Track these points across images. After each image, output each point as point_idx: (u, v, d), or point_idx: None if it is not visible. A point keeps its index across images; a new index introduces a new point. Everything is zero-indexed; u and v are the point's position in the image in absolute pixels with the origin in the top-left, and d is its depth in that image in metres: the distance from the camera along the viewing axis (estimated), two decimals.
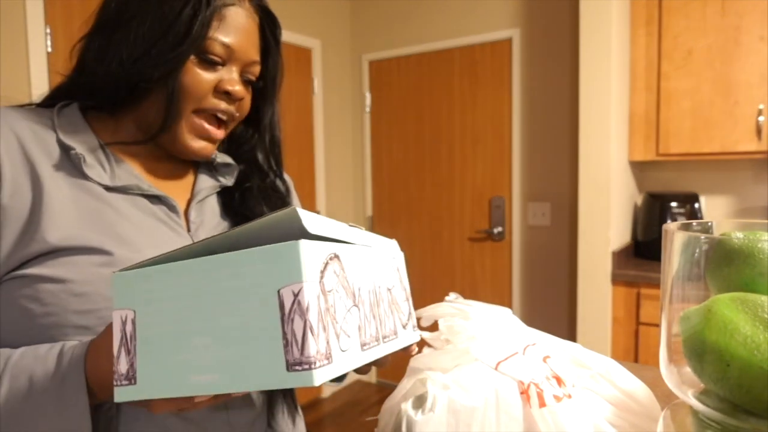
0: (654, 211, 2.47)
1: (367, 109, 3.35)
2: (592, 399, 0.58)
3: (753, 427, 0.41)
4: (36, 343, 0.54)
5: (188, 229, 0.67)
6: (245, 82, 0.69)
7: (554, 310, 2.80)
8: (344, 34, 3.35)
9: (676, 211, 2.43)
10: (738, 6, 2.17)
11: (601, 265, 2.31)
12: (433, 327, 0.69)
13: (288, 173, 0.84)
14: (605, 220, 2.29)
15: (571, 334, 2.61)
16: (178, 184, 0.71)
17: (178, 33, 0.60)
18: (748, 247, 0.45)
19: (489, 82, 2.93)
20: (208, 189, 0.72)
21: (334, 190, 3.31)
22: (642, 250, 2.54)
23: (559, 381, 0.58)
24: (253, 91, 0.72)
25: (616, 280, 2.30)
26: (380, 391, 3.30)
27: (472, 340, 0.63)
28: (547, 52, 2.74)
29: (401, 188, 3.28)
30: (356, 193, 3.45)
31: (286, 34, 2.62)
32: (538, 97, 2.78)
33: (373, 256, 0.49)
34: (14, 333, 0.56)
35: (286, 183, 0.82)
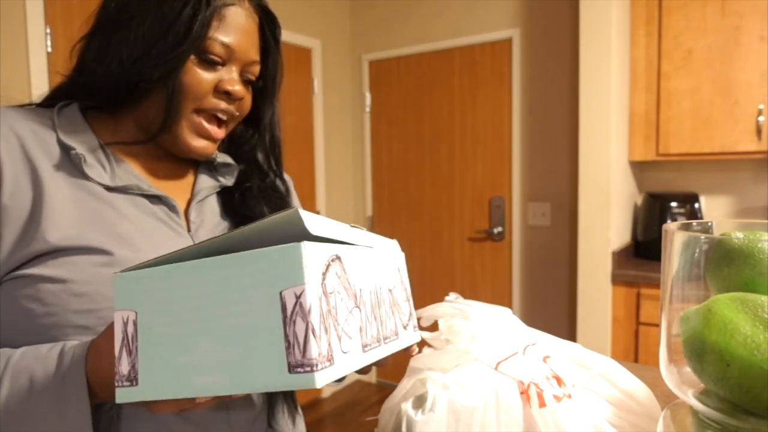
0: (654, 211, 2.47)
1: (367, 109, 3.35)
2: (592, 399, 0.58)
3: (753, 427, 0.41)
4: (37, 343, 0.54)
5: (188, 229, 0.68)
6: (245, 81, 0.69)
7: (554, 310, 2.80)
8: (344, 34, 3.35)
9: (676, 211, 2.43)
10: (738, 6, 2.17)
11: (601, 265, 2.31)
12: (433, 327, 0.69)
13: (288, 173, 0.84)
14: (605, 220, 2.29)
15: (571, 334, 2.61)
16: (178, 184, 0.71)
17: (178, 33, 0.60)
18: (748, 247, 0.45)
19: (489, 82, 2.93)
20: (208, 189, 0.72)
21: (334, 190, 3.31)
22: (642, 250, 2.54)
23: (559, 381, 0.58)
24: (253, 90, 0.72)
25: (616, 280, 2.30)
26: (380, 391, 3.30)
27: (472, 340, 0.63)
28: (547, 52, 2.74)
29: (401, 188, 3.28)
30: (356, 193, 3.45)
31: (286, 34, 2.62)
32: (538, 97, 2.78)
33: (374, 257, 0.49)
34: (15, 333, 0.56)
35: (286, 183, 0.82)
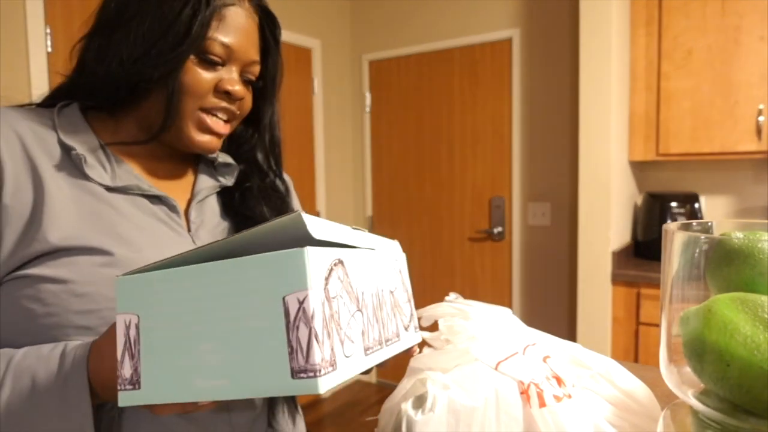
0: (654, 211, 2.47)
1: (367, 109, 3.35)
2: (592, 399, 0.58)
3: (753, 427, 0.41)
4: (37, 343, 0.54)
5: (188, 229, 0.68)
6: (245, 81, 0.69)
7: (554, 310, 2.80)
8: (344, 34, 3.35)
9: (676, 211, 2.43)
10: (738, 6, 2.17)
11: (601, 265, 2.31)
12: (433, 327, 0.69)
13: (288, 173, 0.84)
14: (605, 220, 2.29)
15: (571, 334, 2.61)
16: (178, 184, 0.72)
17: (178, 33, 0.60)
18: (748, 247, 0.45)
19: (489, 82, 2.93)
20: (208, 189, 0.72)
21: (334, 190, 3.31)
22: (642, 250, 2.54)
23: (559, 381, 0.58)
24: (253, 90, 0.72)
25: (616, 280, 2.30)
26: (380, 391, 3.30)
27: (472, 340, 0.63)
28: (547, 52, 2.74)
29: (401, 188, 3.28)
30: (356, 193, 3.45)
31: (286, 34, 2.62)
32: (538, 97, 2.78)
33: (375, 259, 0.49)
34: (16, 333, 0.56)
35: (285, 183, 0.82)
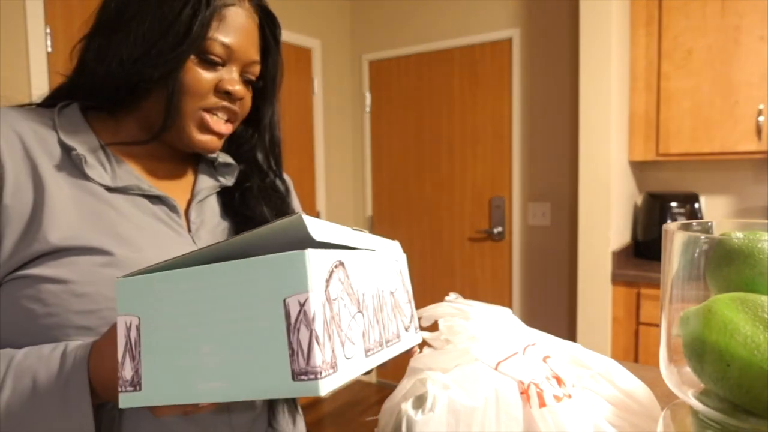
0: (654, 211, 2.47)
1: (367, 109, 3.35)
2: (592, 399, 0.58)
3: (753, 427, 0.41)
4: (38, 343, 0.55)
5: (189, 229, 0.68)
6: (245, 82, 0.69)
7: (554, 310, 2.80)
8: (344, 34, 3.35)
9: (676, 211, 2.43)
10: (738, 6, 2.17)
11: (601, 265, 2.31)
12: (433, 327, 0.69)
13: (288, 173, 0.84)
14: (605, 220, 2.29)
15: (571, 334, 2.61)
16: (178, 185, 0.72)
17: (178, 33, 0.60)
18: (748, 247, 0.45)
19: (489, 82, 2.93)
20: (208, 189, 0.72)
21: (334, 190, 3.31)
22: (642, 250, 2.54)
23: (559, 381, 0.58)
24: (253, 91, 0.72)
25: (616, 280, 2.30)
26: (380, 391, 3.30)
27: (472, 340, 0.63)
28: (547, 52, 2.74)
29: (401, 188, 3.28)
30: (356, 193, 3.45)
31: (286, 34, 2.62)
32: (538, 97, 2.78)
33: (376, 260, 0.49)
34: (16, 333, 0.56)
35: (285, 183, 0.82)
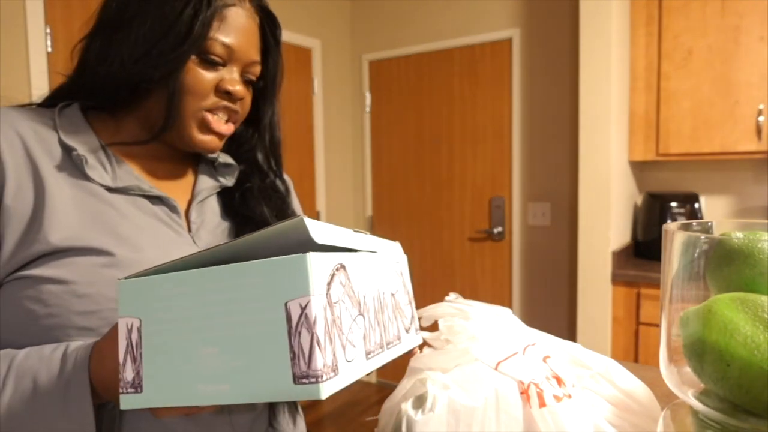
0: (654, 211, 2.47)
1: (367, 109, 3.35)
2: (592, 399, 0.58)
3: (753, 427, 0.41)
4: (39, 344, 0.55)
5: (189, 230, 0.68)
6: (246, 82, 0.69)
7: (554, 310, 2.80)
8: (344, 34, 3.35)
9: (676, 211, 2.44)
10: (738, 6, 2.17)
11: (601, 265, 2.31)
12: (433, 327, 0.69)
13: (288, 173, 0.84)
14: (605, 220, 2.29)
15: (571, 334, 2.61)
16: (179, 185, 0.72)
17: (179, 33, 0.60)
18: (748, 247, 0.45)
19: (489, 82, 2.93)
20: (208, 189, 0.72)
21: (334, 190, 3.31)
22: (642, 250, 2.54)
23: (559, 381, 0.58)
24: (253, 91, 0.72)
25: (616, 280, 2.30)
26: (380, 391, 3.30)
27: (472, 340, 0.63)
28: (547, 52, 2.74)
29: (401, 188, 3.28)
30: (356, 193, 3.45)
31: (286, 34, 2.62)
32: (538, 97, 2.78)
33: (377, 262, 0.49)
34: (17, 333, 0.56)
35: (285, 183, 0.82)
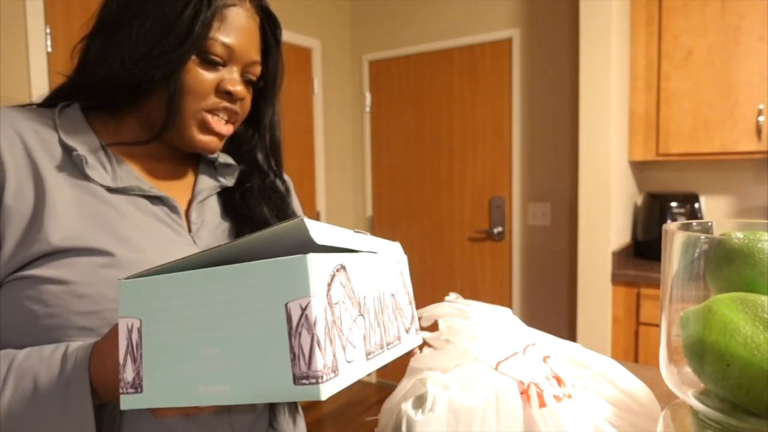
0: (654, 211, 2.47)
1: (367, 109, 3.35)
2: (592, 399, 0.58)
3: (753, 427, 0.41)
4: (39, 344, 0.54)
5: (189, 230, 0.68)
6: (246, 82, 0.69)
7: (554, 310, 2.80)
8: (344, 34, 3.35)
9: (676, 211, 2.44)
10: (738, 6, 2.17)
11: (601, 265, 2.31)
12: (433, 327, 0.69)
13: (288, 173, 0.84)
14: (605, 220, 2.29)
15: (571, 334, 2.61)
16: (179, 185, 0.72)
17: (180, 33, 0.60)
18: (748, 247, 0.45)
19: (489, 82, 2.93)
20: (208, 189, 0.72)
21: (334, 190, 3.31)
22: (642, 250, 2.54)
23: (559, 381, 0.58)
24: (253, 91, 0.72)
25: (616, 280, 2.30)
26: (380, 391, 3.30)
27: (472, 340, 0.63)
28: (547, 52, 2.74)
29: (401, 188, 3.28)
30: (356, 193, 3.45)
31: (286, 34, 2.62)
32: (538, 97, 2.78)
33: (377, 263, 0.49)
34: (17, 333, 0.56)
35: (286, 183, 0.82)
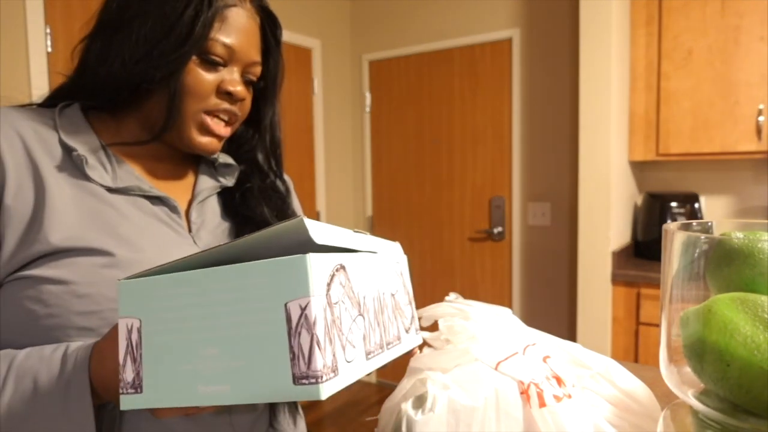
0: (654, 211, 2.47)
1: (367, 109, 3.35)
2: (592, 399, 0.58)
3: (753, 427, 0.41)
4: (39, 344, 0.54)
5: (189, 230, 0.68)
6: (246, 82, 0.69)
7: (554, 310, 2.80)
8: (344, 34, 3.35)
9: (676, 211, 2.44)
10: (738, 6, 2.17)
11: (601, 265, 2.31)
12: (433, 327, 0.69)
13: (288, 173, 0.84)
14: (605, 220, 2.29)
15: (571, 334, 2.61)
16: (179, 185, 0.72)
17: (180, 34, 0.60)
18: (748, 247, 0.45)
19: (489, 82, 2.93)
20: (208, 189, 0.72)
21: (334, 190, 3.31)
22: (642, 250, 2.54)
23: (559, 381, 0.58)
24: (253, 91, 0.72)
25: (616, 280, 2.30)
26: (380, 391, 3.30)
27: (472, 340, 0.63)
28: (547, 52, 2.74)
29: (401, 188, 3.28)
30: (356, 193, 3.45)
31: (286, 34, 2.62)
32: (538, 97, 2.78)
33: (377, 263, 0.49)
34: (17, 333, 0.56)
35: (286, 183, 0.82)
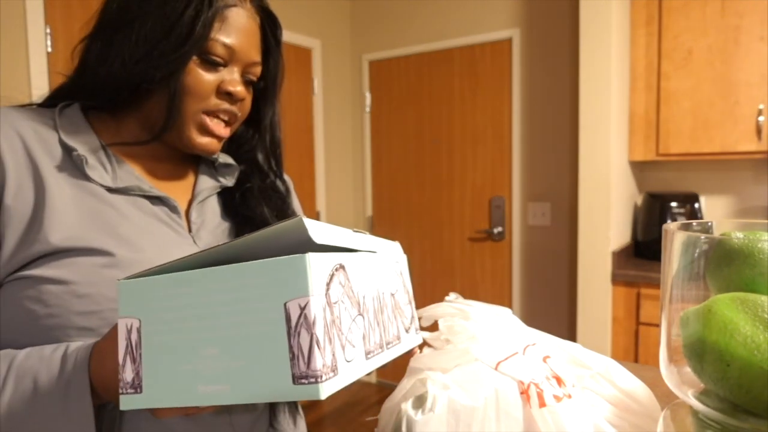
0: (654, 211, 2.47)
1: (367, 109, 3.36)
2: (592, 399, 0.58)
3: (753, 427, 0.41)
4: (39, 344, 0.55)
5: (189, 230, 0.68)
6: (246, 82, 0.69)
7: (554, 310, 2.80)
8: (344, 34, 3.35)
9: (676, 211, 2.44)
10: (738, 6, 2.17)
11: (601, 265, 2.31)
12: (433, 327, 0.69)
13: (288, 173, 0.85)
14: (605, 220, 2.29)
15: (571, 334, 2.61)
16: (179, 185, 0.72)
17: (180, 34, 0.60)
18: (748, 247, 0.45)
19: (489, 82, 2.93)
20: (208, 189, 0.72)
21: (334, 190, 3.31)
22: (642, 250, 2.54)
23: (559, 381, 0.58)
24: (253, 91, 0.72)
25: (616, 280, 2.30)
26: (380, 391, 3.30)
27: (472, 340, 0.63)
28: (547, 52, 2.74)
29: (401, 188, 3.28)
30: (356, 193, 3.45)
31: (286, 34, 2.62)
32: (538, 97, 2.78)
33: (377, 262, 0.49)
34: (17, 333, 0.56)
35: (286, 183, 0.82)
